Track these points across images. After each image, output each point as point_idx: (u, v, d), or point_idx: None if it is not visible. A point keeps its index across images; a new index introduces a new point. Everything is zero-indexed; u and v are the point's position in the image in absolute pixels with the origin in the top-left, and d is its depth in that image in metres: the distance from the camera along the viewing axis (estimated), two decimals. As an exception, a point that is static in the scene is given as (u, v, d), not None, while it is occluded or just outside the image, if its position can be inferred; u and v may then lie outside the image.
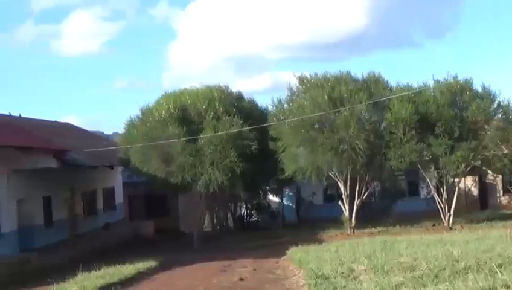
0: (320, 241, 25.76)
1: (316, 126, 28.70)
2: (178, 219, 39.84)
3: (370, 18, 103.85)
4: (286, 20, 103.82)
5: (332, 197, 37.18)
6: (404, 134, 28.04)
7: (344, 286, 12.16)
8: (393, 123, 28.30)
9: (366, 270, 13.72)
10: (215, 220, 37.88)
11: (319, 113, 27.82)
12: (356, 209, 29.94)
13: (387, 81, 30.69)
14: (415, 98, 29.19)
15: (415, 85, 30.23)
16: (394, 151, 28.27)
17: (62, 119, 45.46)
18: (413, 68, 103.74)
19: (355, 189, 29.93)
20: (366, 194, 30.75)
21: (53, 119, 41.28)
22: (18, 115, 35.12)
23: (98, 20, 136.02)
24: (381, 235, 27.07)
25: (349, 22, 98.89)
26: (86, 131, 44.56)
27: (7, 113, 33.96)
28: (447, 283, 10.83)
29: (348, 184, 29.91)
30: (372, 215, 32.87)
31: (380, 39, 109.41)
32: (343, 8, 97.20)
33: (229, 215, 39.38)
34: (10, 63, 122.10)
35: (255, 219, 41.22)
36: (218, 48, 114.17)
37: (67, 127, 41.26)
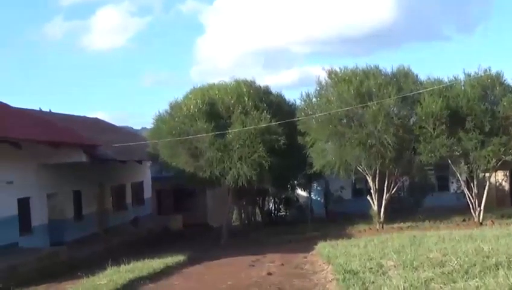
0: (348, 236, 25.64)
1: (344, 121, 28.56)
2: (206, 213, 40.01)
3: (399, 11, 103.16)
4: (314, 14, 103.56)
5: (360, 191, 37.02)
6: (434, 128, 27.76)
7: (373, 282, 12.09)
8: (423, 117, 28.02)
9: (395, 266, 13.64)
10: (243, 215, 37.92)
11: (347, 108, 27.67)
12: (385, 204, 29.76)
13: (416, 75, 30.39)
14: (445, 92, 28.86)
15: (445, 79, 29.91)
16: (424, 146, 28.01)
17: (91, 114, 45.88)
18: (442, 62, 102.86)
19: (384, 184, 29.74)
20: (395, 189, 30.55)
21: (82, 114, 41.74)
22: (48, 110, 35.53)
23: (126, 15, 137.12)
24: (410, 230, 26.88)
25: (378, 15, 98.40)
26: (115, 126, 44.92)
27: (37, 108, 34.38)
28: (477, 279, 10.72)
29: (377, 179, 29.75)
30: (401, 211, 32.61)
31: (409, 32, 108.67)
32: (372, 1, 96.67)
33: (257, 209, 39.41)
34: (40, 59, 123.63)
35: (283, 213, 41.25)
36: (246, 43, 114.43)
37: (96, 122, 41.63)
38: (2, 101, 28.18)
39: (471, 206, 29.91)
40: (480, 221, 29.08)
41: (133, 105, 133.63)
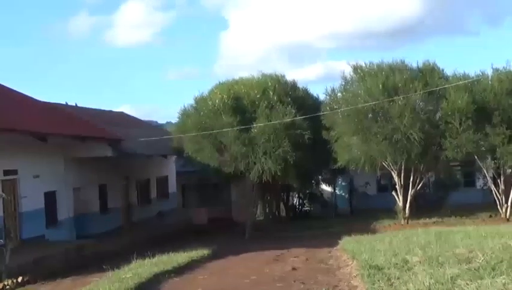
0: (373, 232, 25.50)
1: (370, 115, 28.43)
2: (230, 208, 40.07)
3: (424, 5, 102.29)
4: (339, 9, 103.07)
5: (385, 187, 36.86)
6: (460, 124, 27.51)
7: (398, 277, 11.98)
8: (449, 113, 27.79)
9: (420, 262, 13.50)
10: (267, 209, 37.93)
11: (373, 103, 27.52)
12: (410, 200, 29.59)
13: (443, 70, 30.17)
14: (472, 87, 28.58)
15: (472, 74, 29.64)
16: (450, 142, 27.77)
17: (117, 109, 46.15)
18: (469, 56, 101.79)
19: (410, 179, 29.56)
20: (420, 185, 30.34)
21: (108, 109, 41.99)
22: (74, 104, 35.79)
23: (150, 10, 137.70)
24: (436, 226, 26.64)
25: (403, 9, 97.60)
26: (140, 120, 45.14)
27: (64, 103, 34.65)
28: (504, 276, 10.57)
29: (402, 174, 29.57)
30: (426, 206, 32.40)
31: (435, 27, 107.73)
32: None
33: (282, 204, 39.39)
34: (65, 54, 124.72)
35: (307, 208, 41.19)
36: (271, 38, 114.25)
37: (122, 117, 41.86)
38: (30, 96, 28.48)
39: (497, 202, 29.64)
40: (507, 217, 28.80)
41: (158, 99, 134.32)
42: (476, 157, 29.51)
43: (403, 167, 29.25)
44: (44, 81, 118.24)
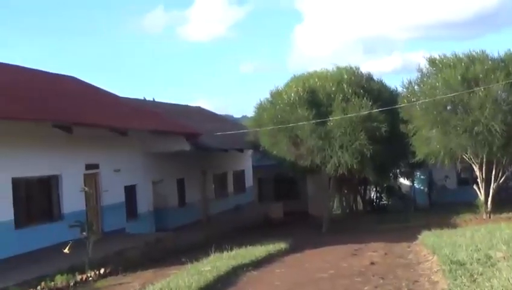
0: (453, 226, 24.94)
1: (449, 108, 27.75)
2: (307, 201, 40.00)
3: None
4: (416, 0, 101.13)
5: (466, 180, 36.02)
6: (545, 115, 26.52)
7: (481, 273, 11.66)
8: (534, 103, 26.83)
9: (504, 257, 13.10)
10: (344, 203, 37.68)
11: (452, 94, 26.85)
12: (492, 194, 28.78)
13: (526, 59, 29.08)
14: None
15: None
16: (534, 133, 26.82)
17: (193, 103, 46.79)
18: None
19: (492, 173, 28.75)
20: (503, 178, 29.49)
21: (184, 104, 42.58)
22: (152, 100, 36.49)
23: (224, 5, 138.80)
24: (520, 220, 25.85)
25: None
26: (217, 115, 45.63)
27: (142, 98, 35.39)
28: None
29: (484, 167, 28.79)
30: (509, 200, 31.43)
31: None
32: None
33: (359, 198, 39.07)
34: (142, 49, 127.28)
35: (385, 202, 40.72)
36: (346, 30, 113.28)
37: (198, 111, 42.43)
38: (110, 92, 29.22)
39: None
40: None
41: (233, 93, 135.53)
42: None
43: (484, 160, 28.45)
44: (120, 75, 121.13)
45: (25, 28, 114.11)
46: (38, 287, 15.46)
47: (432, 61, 29.57)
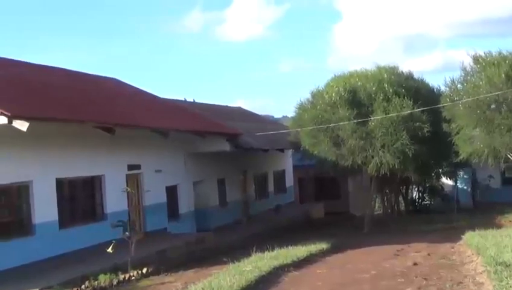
0: (498, 226, 24.54)
1: (493, 106, 27.27)
2: (348, 201, 39.79)
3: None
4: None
5: (510, 180, 35.44)
6: None
7: (527, 275, 11.47)
8: None
9: (551, 259, 12.86)
10: (386, 203, 37.38)
11: (497, 93, 26.38)
12: (539, 194, 28.27)
13: None
14: None
15: None
16: None
17: (233, 104, 46.91)
18: None
19: (538, 172, 28.24)
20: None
21: (225, 104, 42.71)
22: (192, 100, 36.70)
23: (262, 4, 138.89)
24: None
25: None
26: (257, 115, 45.62)
27: (182, 99, 35.61)
28: None
29: (529, 167, 28.29)
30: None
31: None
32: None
33: (401, 198, 38.70)
34: (181, 50, 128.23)
35: (427, 202, 40.30)
36: (385, 28, 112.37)
37: (239, 111, 42.51)
38: (151, 92, 29.48)
39: None
40: None
41: (272, 93, 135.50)
42: None
43: (530, 160, 27.95)
44: (160, 76, 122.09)
45: (66, 30, 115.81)
46: (82, 286, 15.70)
47: (476, 59, 29.11)
